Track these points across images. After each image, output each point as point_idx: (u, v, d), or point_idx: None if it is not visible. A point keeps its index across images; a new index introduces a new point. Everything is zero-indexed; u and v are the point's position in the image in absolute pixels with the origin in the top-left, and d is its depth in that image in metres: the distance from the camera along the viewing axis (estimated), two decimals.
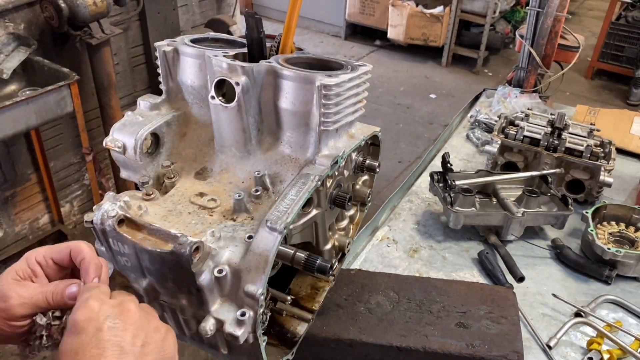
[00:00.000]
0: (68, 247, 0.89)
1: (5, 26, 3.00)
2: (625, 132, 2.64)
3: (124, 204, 1.00)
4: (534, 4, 2.83)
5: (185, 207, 1.10)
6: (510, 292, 1.51)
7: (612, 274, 1.78)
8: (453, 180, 1.95)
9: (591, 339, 1.56)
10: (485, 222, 1.94)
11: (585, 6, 9.42)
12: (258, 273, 0.96)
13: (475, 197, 1.93)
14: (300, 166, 1.14)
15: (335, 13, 7.76)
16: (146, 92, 4.04)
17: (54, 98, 2.84)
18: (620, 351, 1.52)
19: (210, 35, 1.31)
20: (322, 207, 1.19)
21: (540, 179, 2.05)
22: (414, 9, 6.86)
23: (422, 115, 6.09)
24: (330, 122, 1.11)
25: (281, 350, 1.23)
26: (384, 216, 2.11)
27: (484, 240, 1.96)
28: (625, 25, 6.61)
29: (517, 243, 1.96)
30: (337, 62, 1.18)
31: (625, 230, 1.95)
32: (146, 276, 1.02)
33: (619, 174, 2.31)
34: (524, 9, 7.02)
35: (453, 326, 1.38)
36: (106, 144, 1.16)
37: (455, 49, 7.15)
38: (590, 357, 1.52)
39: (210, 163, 1.21)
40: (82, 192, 3.89)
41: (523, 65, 2.99)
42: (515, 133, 2.20)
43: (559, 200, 1.94)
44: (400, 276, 1.55)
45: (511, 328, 1.37)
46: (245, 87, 1.09)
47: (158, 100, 1.24)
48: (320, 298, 1.36)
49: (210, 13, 4.35)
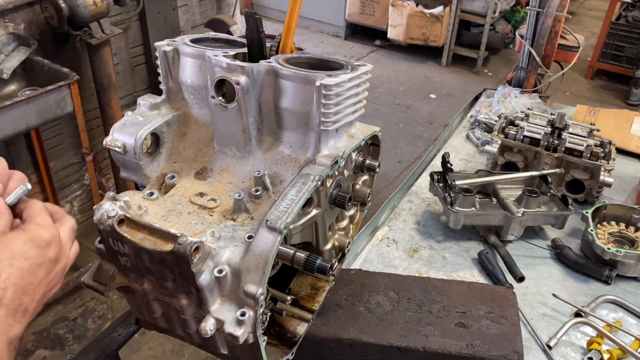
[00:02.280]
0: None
1: (5, 26, 3.00)
2: (625, 132, 2.64)
3: (124, 204, 1.00)
4: (534, 4, 2.83)
5: (185, 207, 1.10)
6: (510, 292, 1.51)
7: (612, 274, 1.78)
8: (453, 180, 1.95)
9: (591, 339, 1.57)
10: (485, 222, 1.94)
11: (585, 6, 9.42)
12: (258, 273, 0.96)
13: (475, 197, 1.93)
14: (300, 166, 1.14)
15: (335, 13, 7.76)
16: (146, 92, 4.04)
17: (54, 98, 2.84)
18: (620, 351, 1.52)
19: (210, 35, 1.31)
20: (322, 207, 1.19)
21: (540, 179, 2.05)
22: (414, 9, 6.86)
23: (422, 115, 6.09)
24: (330, 122, 1.11)
25: (281, 350, 1.23)
26: (384, 216, 2.11)
27: (484, 240, 1.96)
28: (625, 25, 6.61)
29: (517, 243, 1.96)
30: (337, 62, 1.18)
31: (625, 230, 1.95)
32: (146, 276, 1.02)
33: (619, 174, 2.31)
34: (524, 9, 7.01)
35: (453, 326, 1.38)
36: (106, 144, 1.15)
37: (455, 49, 7.14)
38: (590, 357, 1.52)
39: (210, 163, 1.21)
40: (82, 192, 3.89)
41: (523, 65, 2.99)
42: (515, 133, 2.20)
43: (559, 200, 1.94)
44: (400, 276, 1.55)
45: (511, 328, 1.37)
46: (245, 87, 1.09)
47: (158, 100, 1.24)
48: (320, 298, 1.36)
49: (210, 13, 4.35)
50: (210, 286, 0.97)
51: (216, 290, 0.99)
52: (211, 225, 1.05)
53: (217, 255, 0.98)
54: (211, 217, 1.08)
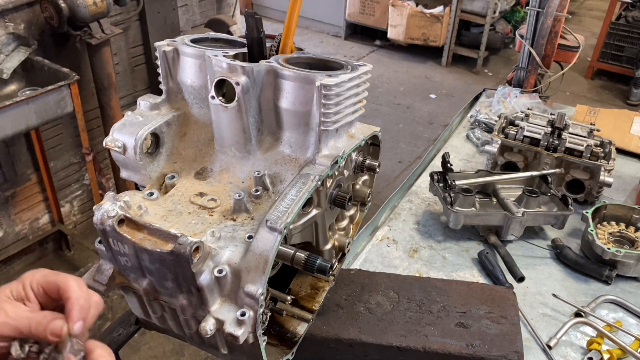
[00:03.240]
0: (57, 282, 0.84)
1: (5, 26, 3.00)
2: (625, 132, 2.64)
3: (124, 204, 1.00)
4: (534, 4, 2.83)
5: (185, 207, 1.10)
6: (510, 292, 1.51)
7: (612, 274, 1.78)
8: (453, 180, 1.95)
9: (591, 339, 1.56)
10: (485, 222, 1.94)
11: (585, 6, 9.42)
12: (258, 273, 0.96)
13: (475, 197, 1.93)
14: (300, 166, 1.14)
15: (335, 13, 7.76)
16: (146, 92, 4.04)
17: (54, 98, 2.84)
18: (620, 351, 1.52)
19: (210, 35, 1.31)
20: (322, 207, 1.19)
21: (540, 179, 2.05)
22: (414, 9, 6.86)
23: (422, 115, 6.09)
24: (330, 122, 1.11)
25: (281, 350, 1.23)
26: (384, 216, 2.11)
27: (484, 240, 1.96)
28: (625, 25, 6.61)
29: (517, 243, 1.96)
30: (337, 62, 1.18)
31: (625, 230, 1.95)
32: (146, 276, 1.02)
33: (619, 174, 2.31)
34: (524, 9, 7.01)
35: (453, 326, 1.38)
36: (106, 144, 1.15)
37: (455, 49, 7.14)
38: (590, 357, 1.52)
39: (210, 163, 1.21)
40: (82, 192, 3.89)
41: (523, 65, 2.99)
42: (515, 133, 2.20)
43: (559, 200, 1.94)
44: (400, 276, 1.55)
45: (511, 328, 1.37)
46: (245, 87, 1.08)
47: (158, 100, 1.24)
48: (320, 298, 1.36)
49: (210, 13, 4.35)
50: (210, 286, 0.97)
51: (216, 290, 0.99)
52: (211, 225, 1.05)
53: (217, 255, 0.98)
54: (211, 217, 1.08)
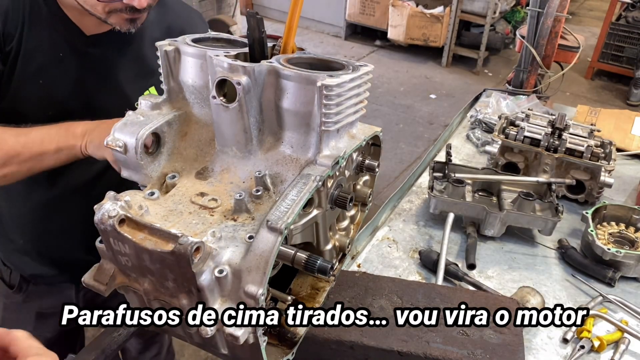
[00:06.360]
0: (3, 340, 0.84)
1: None
2: (626, 133, 2.64)
3: (125, 204, 1.00)
4: (534, 4, 2.83)
5: (186, 207, 1.09)
6: (514, 302, 1.50)
7: (616, 276, 1.78)
8: (453, 172, 1.98)
9: (580, 328, 1.59)
10: (462, 211, 1.96)
11: (585, 6, 9.43)
12: (258, 273, 0.96)
13: (469, 190, 1.99)
14: (301, 166, 1.13)
15: (335, 13, 7.77)
16: None
17: None
18: (610, 337, 1.57)
19: (212, 35, 1.30)
20: (323, 208, 1.18)
21: (547, 185, 2.05)
22: (414, 9, 6.86)
23: (422, 116, 6.09)
24: (332, 123, 1.10)
25: (281, 350, 1.23)
26: (384, 216, 2.11)
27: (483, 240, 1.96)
28: (625, 25, 6.62)
29: (519, 242, 1.96)
30: (338, 63, 1.18)
31: (626, 230, 1.95)
32: (147, 276, 1.02)
33: (620, 175, 2.31)
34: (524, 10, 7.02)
35: (455, 334, 1.37)
36: (107, 143, 1.15)
37: (456, 49, 7.15)
38: (582, 345, 1.55)
39: (211, 163, 1.21)
40: None
41: (523, 66, 2.99)
42: (516, 133, 2.20)
43: (553, 207, 1.94)
44: (405, 281, 1.55)
45: (513, 339, 1.36)
46: (246, 87, 1.08)
47: (159, 99, 1.24)
48: (320, 298, 1.36)
49: (211, 13, 4.35)
50: (211, 286, 0.97)
51: (217, 290, 0.99)
52: (212, 225, 1.05)
53: (217, 256, 0.98)
54: (212, 217, 1.08)
